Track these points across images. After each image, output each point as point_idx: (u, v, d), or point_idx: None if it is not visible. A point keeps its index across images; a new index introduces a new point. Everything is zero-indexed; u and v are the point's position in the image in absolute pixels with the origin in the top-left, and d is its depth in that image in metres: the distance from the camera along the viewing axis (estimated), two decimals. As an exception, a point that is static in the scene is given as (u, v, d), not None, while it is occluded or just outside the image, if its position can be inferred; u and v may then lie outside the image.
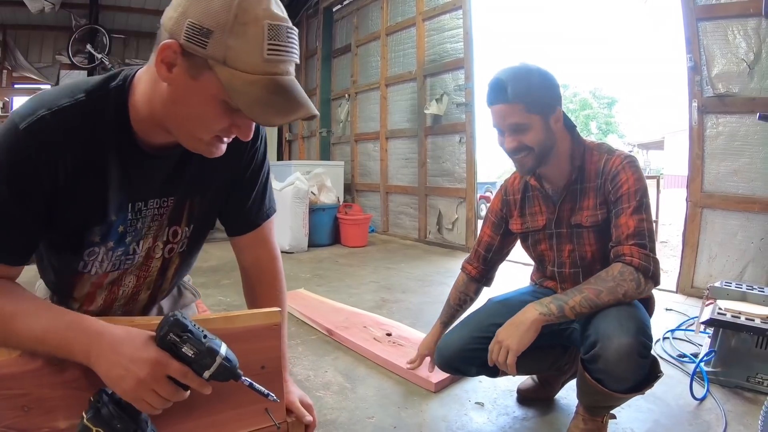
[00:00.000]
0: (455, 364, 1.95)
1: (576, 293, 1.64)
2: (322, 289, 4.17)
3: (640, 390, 1.63)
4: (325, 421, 2.00)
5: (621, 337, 1.52)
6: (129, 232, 1.26)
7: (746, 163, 3.68)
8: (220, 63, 0.95)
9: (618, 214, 1.70)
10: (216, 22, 0.93)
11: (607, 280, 1.62)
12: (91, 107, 1.07)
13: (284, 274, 1.65)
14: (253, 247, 1.54)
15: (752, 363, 2.22)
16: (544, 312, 1.63)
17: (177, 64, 0.98)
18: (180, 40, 0.95)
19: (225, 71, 0.95)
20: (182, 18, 0.95)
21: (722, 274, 3.72)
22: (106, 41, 8.70)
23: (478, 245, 2.12)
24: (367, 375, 2.48)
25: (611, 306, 1.61)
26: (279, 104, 0.99)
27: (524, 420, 2.04)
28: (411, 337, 2.85)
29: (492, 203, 2.10)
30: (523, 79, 1.69)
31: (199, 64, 0.96)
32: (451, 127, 6.24)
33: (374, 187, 7.73)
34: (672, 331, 3.00)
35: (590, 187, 1.78)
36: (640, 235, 1.64)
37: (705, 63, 3.84)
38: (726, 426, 1.93)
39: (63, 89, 1.08)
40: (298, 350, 2.78)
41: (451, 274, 4.72)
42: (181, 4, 0.96)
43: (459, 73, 6.10)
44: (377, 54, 7.55)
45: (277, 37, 0.96)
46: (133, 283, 1.38)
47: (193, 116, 1.05)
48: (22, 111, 1.03)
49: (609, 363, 1.54)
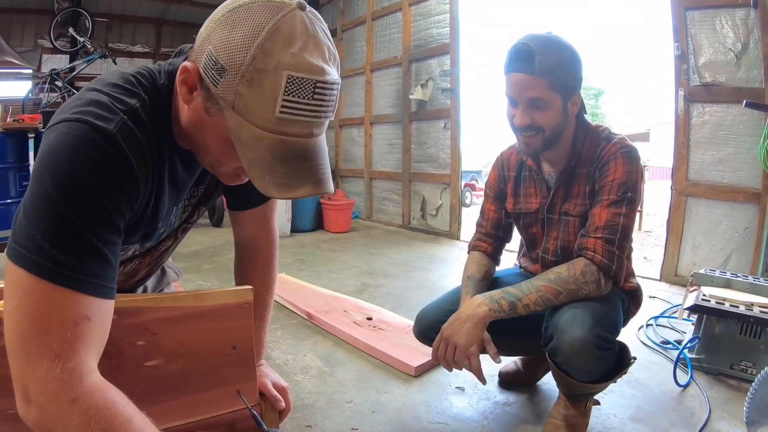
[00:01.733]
0: (429, 334, 1.87)
1: (532, 290, 1.58)
2: (304, 273, 4.11)
3: (611, 378, 1.59)
4: (302, 405, 1.95)
5: (575, 330, 1.47)
6: (166, 230, 1.22)
7: (732, 153, 3.66)
8: (230, 107, 0.84)
9: (595, 204, 1.63)
10: (231, 61, 0.81)
11: (569, 281, 1.56)
12: (152, 109, 0.96)
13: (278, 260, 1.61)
14: (253, 224, 1.50)
15: (736, 350, 2.19)
16: (494, 308, 1.58)
17: (197, 89, 0.88)
18: (199, 67, 0.86)
19: (234, 118, 0.85)
20: (206, 42, 0.85)
21: (706, 262, 3.72)
22: (88, 24, 8.48)
23: (485, 222, 1.98)
24: (347, 359, 2.43)
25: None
26: (280, 173, 0.86)
27: (506, 405, 2.00)
28: (392, 321, 2.80)
29: (489, 178, 1.99)
30: (554, 53, 1.54)
31: (214, 99, 0.86)
32: (436, 113, 6.18)
33: (358, 172, 7.67)
34: (655, 318, 2.98)
35: (584, 173, 1.70)
36: (609, 229, 1.57)
37: (692, 52, 3.81)
38: (710, 413, 1.90)
39: (118, 86, 0.94)
40: (277, 334, 2.73)
41: (435, 260, 4.71)
42: (211, 22, 0.86)
43: (445, 59, 6.03)
44: (362, 39, 7.45)
45: (298, 92, 0.82)
46: (137, 261, 1.30)
47: (209, 149, 0.96)
48: (96, 110, 0.87)
49: (566, 357, 1.50)
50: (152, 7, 9.48)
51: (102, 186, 0.84)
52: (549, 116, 1.59)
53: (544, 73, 1.53)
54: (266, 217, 1.51)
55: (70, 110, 0.88)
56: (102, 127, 0.85)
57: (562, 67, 1.55)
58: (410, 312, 2.92)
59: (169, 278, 1.72)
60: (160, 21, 9.83)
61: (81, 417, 0.79)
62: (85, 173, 0.82)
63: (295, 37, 0.82)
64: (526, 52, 1.54)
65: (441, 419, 1.89)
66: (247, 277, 1.57)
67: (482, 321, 1.57)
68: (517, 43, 1.57)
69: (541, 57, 1.52)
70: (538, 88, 1.54)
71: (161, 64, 1.05)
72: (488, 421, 1.87)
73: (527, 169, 1.86)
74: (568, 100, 1.60)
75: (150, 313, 1.21)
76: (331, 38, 0.89)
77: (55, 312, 0.80)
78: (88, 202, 0.83)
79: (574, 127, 1.70)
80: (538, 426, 1.81)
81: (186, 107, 0.93)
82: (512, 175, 1.90)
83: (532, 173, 1.84)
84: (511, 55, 1.59)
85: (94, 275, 0.84)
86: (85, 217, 0.82)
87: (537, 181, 1.82)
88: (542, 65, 1.52)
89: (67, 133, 0.84)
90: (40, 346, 0.79)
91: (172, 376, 1.27)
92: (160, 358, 1.25)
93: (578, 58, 1.60)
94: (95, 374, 0.84)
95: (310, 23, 0.85)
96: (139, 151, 0.91)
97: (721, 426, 1.83)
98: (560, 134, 1.65)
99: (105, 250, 0.85)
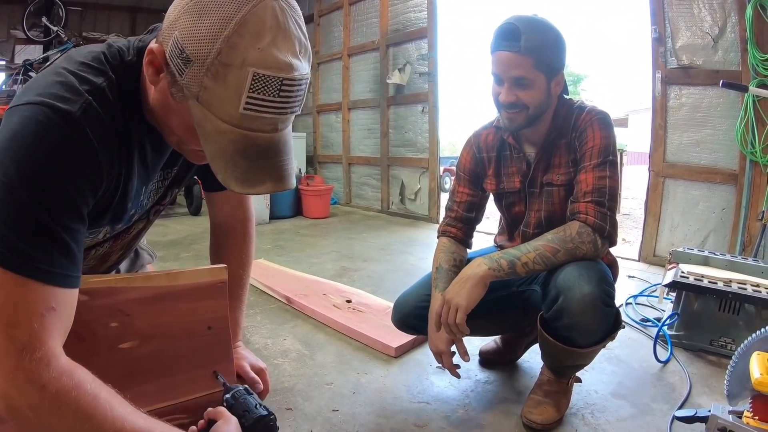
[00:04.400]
0: (410, 321, 1.88)
1: (530, 249, 1.58)
2: (283, 259, 4.07)
3: (602, 341, 1.59)
4: (282, 388, 1.92)
5: (583, 286, 1.48)
6: (137, 212, 1.20)
7: (709, 134, 3.68)
8: (194, 98, 0.83)
9: (579, 171, 1.65)
10: (197, 52, 0.79)
11: (566, 240, 1.57)
12: (119, 88, 0.94)
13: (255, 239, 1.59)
14: (229, 205, 1.50)
15: (715, 326, 2.20)
16: (494, 267, 1.56)
17: (164, 71, 0.86)
18: (165, 51, 0.84)
19: (198, 108, 0.84)
20: (173, 27, 0.83)
21: (684, 242, 3.74)
22: (62, 14, 8.28)
23: (456, 206, 1.96)
24: (327, 342, 2.40)
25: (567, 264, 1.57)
26: (242, 168, 0.86)
27: (486, 383, 1.98)
28: (371, 303, 2.78)
29: (461, 161, 1.97)
30: (540, 33, 1.58)
31: (179, 87, 0.85)
32: (414, 97, 6.14)
33: (336, 158, 7.61)
34: (635, 296, 3.00)
35: (562, 143, 1.72)
36: (598, 192, 1.59)
37: (669, 35, 3.82)
38: (690, 388, 1.91)
39: (85, 65, 0.93)
40: (256, 319, 2.69)
41: (414, 243, 4.71)
42: (180, 3, 0.83)
43: (422, 43, 5.99)
44: (340, 24, 7.36)
45: (264, 90, 0.81)
46: (108, 245, 1.27)
47: (174, 131, 0.96)
48: (60, 92, 0.85)
49: (574, 315, 1.49)
50: (127, -6, 9.31)
51: (65, 173, 0.84)
52: (533, 95, 1.62)
53: (530, 52, 1.56)
54: (241, 197, 1.50)
55: (34, 91, 0.86)
56: (65, 110, 0.84)
57: (547, 46, 1.60)
58: (390, 294, 2.90)
59: (143, 260, 1.69)
60: (134, 9, 9.63)
61: (51, 402, 0.81)
62: (48, 161, 0.82)
63: (264, 31, 0.80)
64: (512, 32, 1.58)
65: (422, 399, 1.86)
66: (224, 255, 1.54)
67: (482, 280, 1.56)
68: (504, 23, 1.61)
69: (527, 36, 1.56)
70: (523, 66, 1.58)
71: (130, 40, 1.02)
72: (469, 400, 1.86)
73: (508, 147, 1.85)
74: (552, 79, 1.64)
75: (122, 294, 1.19)
76: (304, 29, 0.88)
77: (22, 305, 0.81)
78: (51, 191, 0.83)
79: (555, 106, 1.73)
80: (519, 404, 1.80)
81: (153, 87, 0.92)
82: (492, 155, 1.89)
83: (512, 152, 1.84)
84: (498, 35, 1.62)
85: (60, 266, 0.84)
86: (49, 206, 0.82)
87: (517, 160, 1.83)
88: (528, 44, 1.56)
89: (30, 118, 0.83)
90: (8, 339, 0.80)
91: (147, 358, 1.24)
92: (135, 340, 1.22)
93: (562, 40, 1.64)
94: (62, 358, 0.85)
95: (282, 14, 0.83)
96: (104, 134, 0.89)
97: (701, 401, 1.83)
98: (543, 112, 1.69)
99: (68, 239, 0.85)
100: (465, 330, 1.58)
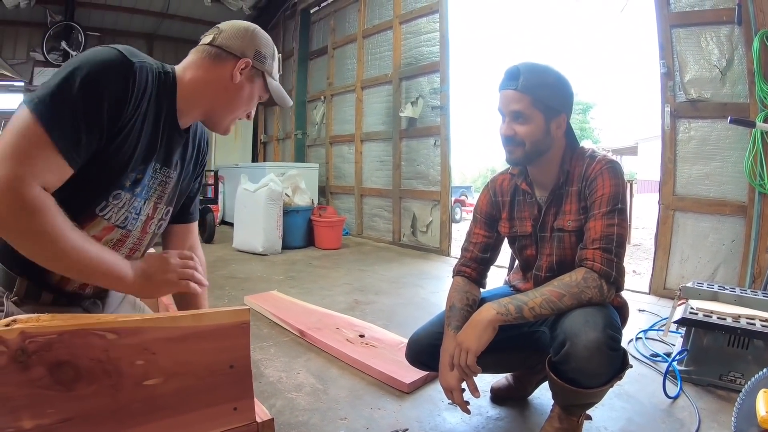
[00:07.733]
0: (423, 359, 1.93)
1: (537, 295, 1.63)
2: (295, 290, 4.11)
3: (610, 382, 1.61)
4: (297, 423, 1.96)
5: (589, 332, 1.51)
6: (150, 187, 1.40)
7: (718, 167, 3.72)
8: (268, 74, 1.49)
9: (589, 219, 1.70)
10: (269, 53, 1.48)
11: (571, 285, 1.61)
12: (161, 74, 1.33)
13: None
14: (187, 236, 1.69)
15: (724, 361, 2.22)
16: (502, 312, 1.62)
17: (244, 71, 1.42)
18: (250, 58, 1.41)
19: (269, 78, 1.50)
20: (251, 46, 1.43)
21: (694, 275, 3.76)
22: (81, 39, 8.55)
23: (472, 247, 2.02)
24: (340, 376, 2.43)
25: (573, 308, 1.61)
26: (280, 96, 1.55)
27: (498, 420, 2.01)
28: (384, 338, 2.81)
29: (479, 204, 2.04)
30: (538, 74, 1.71)
31: (255, 74, 1.46)
32: (426, 130, 6.23)
33: (348, 189, 7.69)
34: (644, 331, 3.01)
35: (573, 191, 1.78)
36: (606, 239, 1.64)
37: (678, 69, 3.89)
38: (699, 423, 1.92)
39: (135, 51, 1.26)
40: (270, 351, 2.73)
41: (425, 276, 4.72)
42: (247, 37, 1.43)
43: (435, 77, 6.10)
44: (353, 56, 7.53)
45: (280, 61, 1.57)
46: (125, 254, 1.41)
47: (235, 104, 1.46)
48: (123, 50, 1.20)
49: (580, 360, 1.52)
50: (144, 22, 9.55)
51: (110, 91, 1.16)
52: (529, 130, 1.71)
53: (527, 90, 1.69)
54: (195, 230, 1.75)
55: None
56: (127, 58, 1.20)
57: (545, 87, 1.70)
58: (401, 328, 2.94)
59: None
60: (151, 36, 9.92)
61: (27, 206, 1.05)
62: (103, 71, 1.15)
63: (270, 43, 1.52)
64: (513, 72, 1.72)
65: (434, 435, 1.89)
66: None
67: (491, 324, 1.61)
68: (510, 66, 1.75)
69: (525, 76, 1.70)
70: (520, 102, 1.70)
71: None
72: (481, 436, 1.88)
73: (521, 193, 1.92)
74: (551, 120, 1.72)
75: (149, 333, 1.22)
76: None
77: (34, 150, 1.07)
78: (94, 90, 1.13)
79: (562, 149, 1.80)
80: (530, 440, 1.82)
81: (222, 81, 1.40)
82: (506, 200, 1.96)
83: (525, 197, 1.90)
84: (503, 76, 1.76)
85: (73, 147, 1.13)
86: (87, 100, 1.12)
87: (529, 204, 1.89)
88: (526, 83, 1.69)
89: (104, 48, 1.20)
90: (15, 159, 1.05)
91: (170, 395, 1.27)
92: (159, 377, 1.25)
93: (563, 83, 1.75)
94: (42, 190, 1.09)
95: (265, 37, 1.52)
96: (143, 85, 1.24)
97: (710, 437, 1.85)
98: (542, 151, 1.76)
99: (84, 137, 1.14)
100: (477, 370, 1.62)
